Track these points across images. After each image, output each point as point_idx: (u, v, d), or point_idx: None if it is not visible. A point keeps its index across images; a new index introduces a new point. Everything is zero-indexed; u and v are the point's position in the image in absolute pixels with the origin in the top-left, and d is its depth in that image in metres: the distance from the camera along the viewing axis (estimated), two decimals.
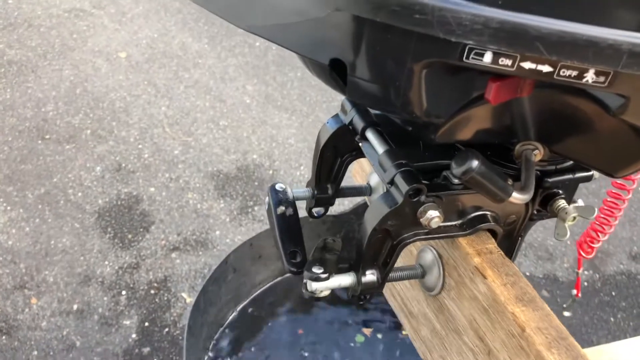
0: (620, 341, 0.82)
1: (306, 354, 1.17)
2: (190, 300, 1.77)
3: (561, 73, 0.39)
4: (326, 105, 2.48)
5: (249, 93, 2.54)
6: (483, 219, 0.55)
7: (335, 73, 0.46)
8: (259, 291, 1.15)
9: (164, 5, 3.02)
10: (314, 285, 0.54)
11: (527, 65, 0.39)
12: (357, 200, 1.12)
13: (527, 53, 0.38)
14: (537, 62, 0.38)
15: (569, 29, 0.36)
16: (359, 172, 0.72)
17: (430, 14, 0.37)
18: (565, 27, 0.36)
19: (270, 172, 2.19)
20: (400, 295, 0.64)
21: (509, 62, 0.39)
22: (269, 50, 2.76)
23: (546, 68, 0.39)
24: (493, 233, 0.57)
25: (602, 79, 0.39)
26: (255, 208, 2.05)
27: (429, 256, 0.59)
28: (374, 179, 0.68)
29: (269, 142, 2.31)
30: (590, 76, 0.39)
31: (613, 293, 1.96)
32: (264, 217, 2.02)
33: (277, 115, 2.43)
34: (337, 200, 0.66)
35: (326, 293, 0.55)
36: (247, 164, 2.22)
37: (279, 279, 1.17)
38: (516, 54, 0.38)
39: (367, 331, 1.24)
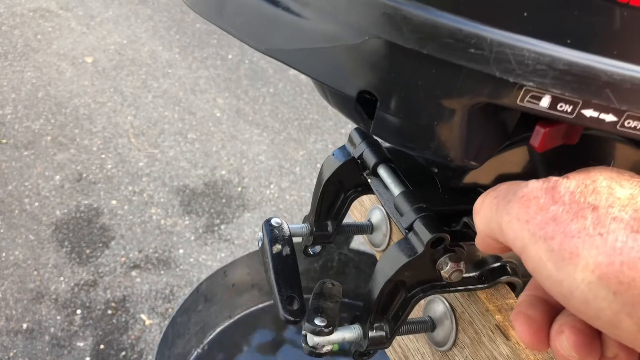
0: None
1: None
2: (149, 322, 1.68)
3: (625, 124, 0.34)
4: (298, 123, 2.43)
5: (220, 106, 2.47)
6: (503, 270, 0.51)
7: (361, 106, 0.40)
8: (230, 321, 1.08)
9: (135, 12, 2.93)
10: (315, 339, 0.48)
11: (589, 113, 0.34)
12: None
13: (595, 101, 0.33)
14: (602, 110, 0.34)
15: None
16: (357, 208, 0.66)
17: (487, 49, 0.32)
18: None
19: (239, 189, 2.12)
20: (402, 346, 0.59)
21: (569, 108, 0.34)
22: (241, 63, 2.69)
23: (610, 117, 0.34)
24: (512, 286, 0.52)
25: None
26: (222, 227, 1.97)
27: (439, 308, 0.54)
28: (376, 217, 0.63)
29: (238, 158, 2.24)
30: None
31: None
32: (231, 237, 1.95)
33: (247, 131, 2.36)
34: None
35: (328, 348, 0.49)
36: (215, 180, 2.14)
37: (252, 308, 1.10)
38: (579, 100, 0.33)
39: None
